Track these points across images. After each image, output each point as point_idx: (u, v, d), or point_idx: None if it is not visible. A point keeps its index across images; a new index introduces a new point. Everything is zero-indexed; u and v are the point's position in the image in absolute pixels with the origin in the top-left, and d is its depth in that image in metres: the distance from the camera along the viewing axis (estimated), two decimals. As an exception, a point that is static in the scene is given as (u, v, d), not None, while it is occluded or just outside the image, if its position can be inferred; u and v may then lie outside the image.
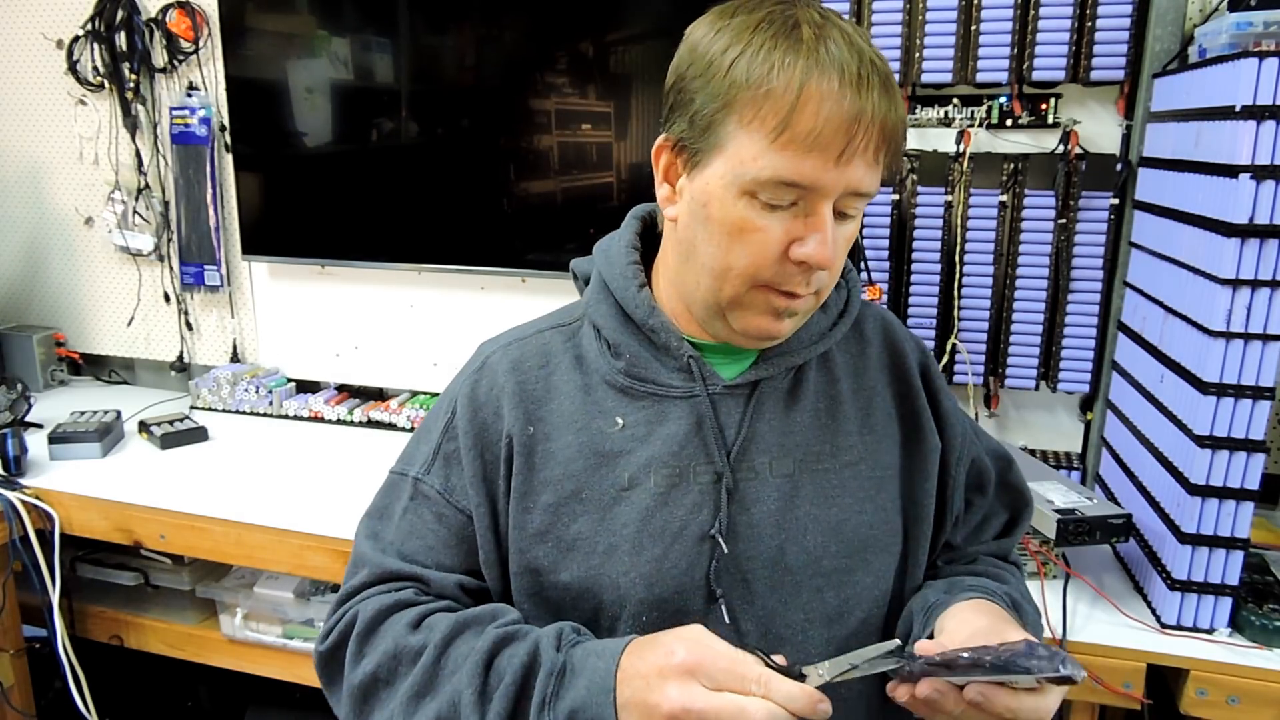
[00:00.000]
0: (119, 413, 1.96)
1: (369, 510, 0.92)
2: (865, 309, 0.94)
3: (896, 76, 1.56)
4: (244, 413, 2.11)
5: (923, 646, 0.73)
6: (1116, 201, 1.53)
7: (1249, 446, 1.13)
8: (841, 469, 0.85)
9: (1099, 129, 1.55)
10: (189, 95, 2.10)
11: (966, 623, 0.78)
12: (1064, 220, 1.55)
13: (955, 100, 1.60)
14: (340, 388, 2.17)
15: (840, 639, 0.84)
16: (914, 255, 1.63)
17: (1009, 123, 1.58)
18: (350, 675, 0.82)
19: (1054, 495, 1.31)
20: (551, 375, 0.85)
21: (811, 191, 0.72)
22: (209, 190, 2.12)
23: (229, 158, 2.09)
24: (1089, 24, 1.47)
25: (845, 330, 0.89)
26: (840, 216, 0.75)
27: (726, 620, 0.81)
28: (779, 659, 0.71)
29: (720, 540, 0.80)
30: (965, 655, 0.69)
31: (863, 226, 1.64)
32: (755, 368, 0.84)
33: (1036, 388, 1.64)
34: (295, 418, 2.08)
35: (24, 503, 1.62)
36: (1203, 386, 1.14)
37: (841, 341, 0.90)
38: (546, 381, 0.85)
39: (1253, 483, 1.14)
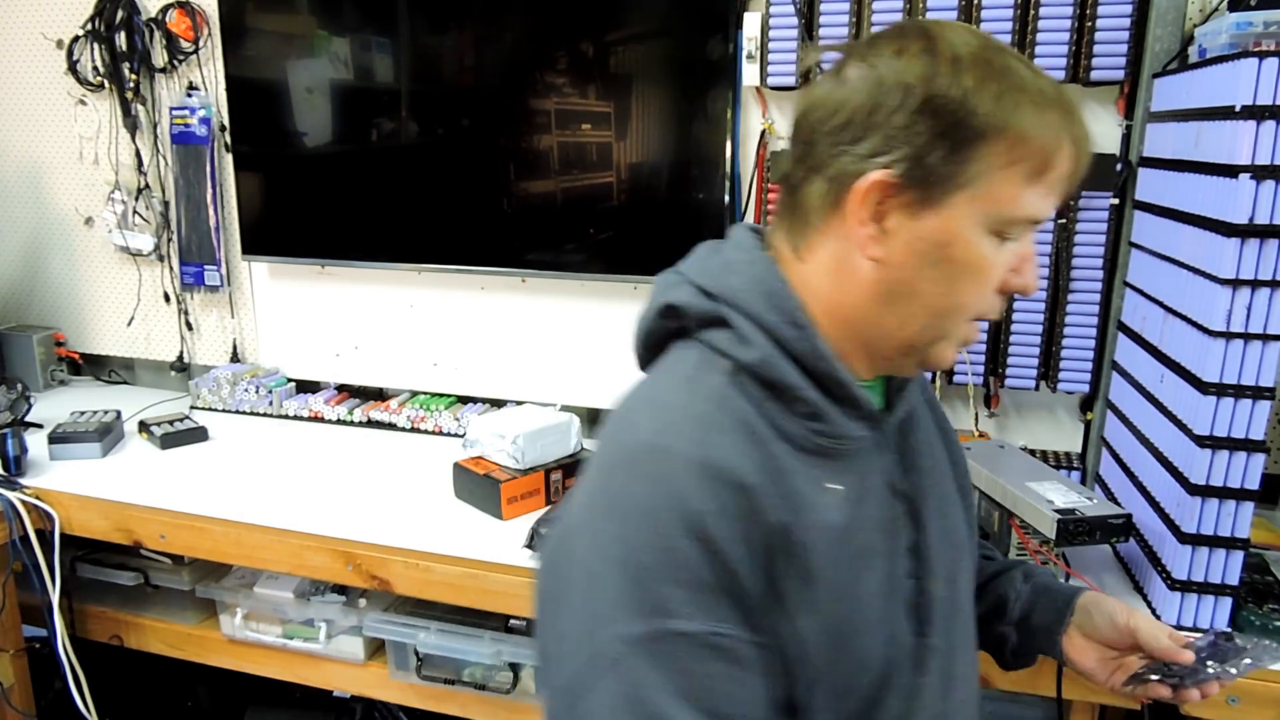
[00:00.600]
0: (119, 413, 1.96)
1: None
2: None
3: (896, 76, 1.57)
4: (244, 413, 2.11)
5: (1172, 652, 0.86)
6: (1116, 201, 1.53)
7: (1249, 446, 1.13)
8: (949, 483, 0.88)
9: (1099, 129, 1.55)
10: (189, 95, 2.10)
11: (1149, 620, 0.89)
12: (1064, 220, 1.55)
13: (955, 100, 1.60)
14: (340, 388, 2.17)
15: (965, 641, 0.88)
16: (914, 255, 1.63)
17: (1009, 123, 1.58)
18: None
19: (1054, 495, 1.31)
20: (772, 453, 0.70)
21: (1028, 230, 0.74)
22: (209, 190, 2.12)
23: (229, 158, 2.09)
24: (1089, 24, 1.47)
25: None
26: None
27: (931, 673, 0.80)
28: None
29: (918, 582, 0.79)
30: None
31: (863, 226, 1.64)
32: (901, 399, 0.82)
33: (1036, 388, 1.64)
34: (295, 418, 2.08)
35: (24, 503, 1.62)
36: (1203, 386, 1.14)
37: None
38: (772, 460, 0.70)
39: (1253, 483, 1.14)
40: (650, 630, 0.63)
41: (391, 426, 2.02)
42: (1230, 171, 1.09)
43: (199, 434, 1.92)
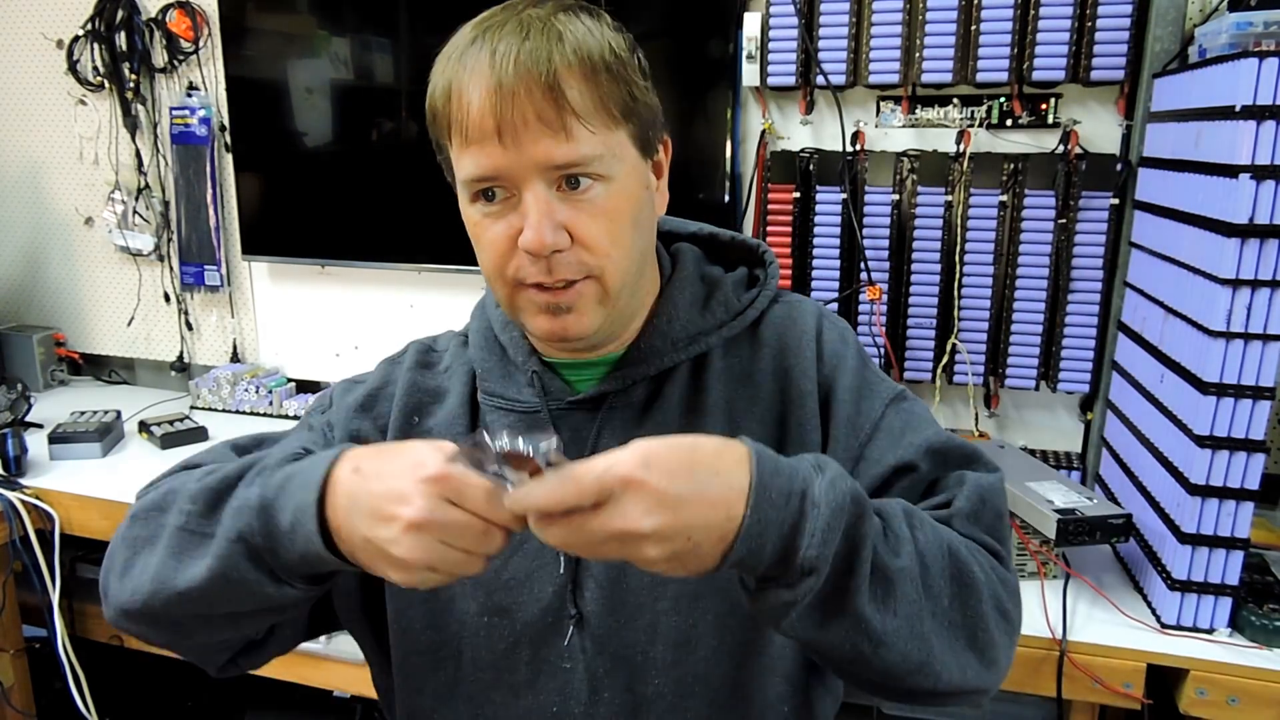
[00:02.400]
0: (119, 413, 1.96)
1: None
2: (775, 308, 0.85)
3: (894, 76, 1.57)
4: (244, 413, 2.11)
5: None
6: (1116, 201, 1.53)
7: (1249, 446, 1.13)
8: None
9: (1099, 129, 1.55)
10: (189, 95, 2.10)
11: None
12: (1064, 220, 1.55)
13: (955, 100, 1.60)
14: (340, 388, 2.17)
15: (690, 663, 0.78)
16: (914, 255, 1.63)
17: (1009, 123, 1.58)
18: (133, 508, 0.80)
19: (1054, 495, 1.31)
20: (450, 380, 0.88)
21: (506, 180, 0.72)
22: (209, 190, 2.12)
23: (229, 158, 2.09)
24: (1089, 24, 1.47)
25: (726, 336, 0.82)
26: (571, 194, 0.71)
27: (569, 638, 0.79)
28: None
29: (562, 557, 0.79)
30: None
31: (862, 226, 1.64)
32: (603, 381, 0.80)
33: (1036, 388, 1.64)
34: (295, 418, 2.08)
35: (24, 503, 1.62)
36: (1203, 386, 1.14)
37: (730, 345, 0.83)
38: (440, 385, 0.88)
39: (1253, 483, 1.14)
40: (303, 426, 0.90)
41: (391, 426, 2.02)
42: (1230, 171, 1.09)
43: (199, 434, 1.92)
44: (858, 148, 1.64)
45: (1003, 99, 1.57)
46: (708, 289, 0.84)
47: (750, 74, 1.66)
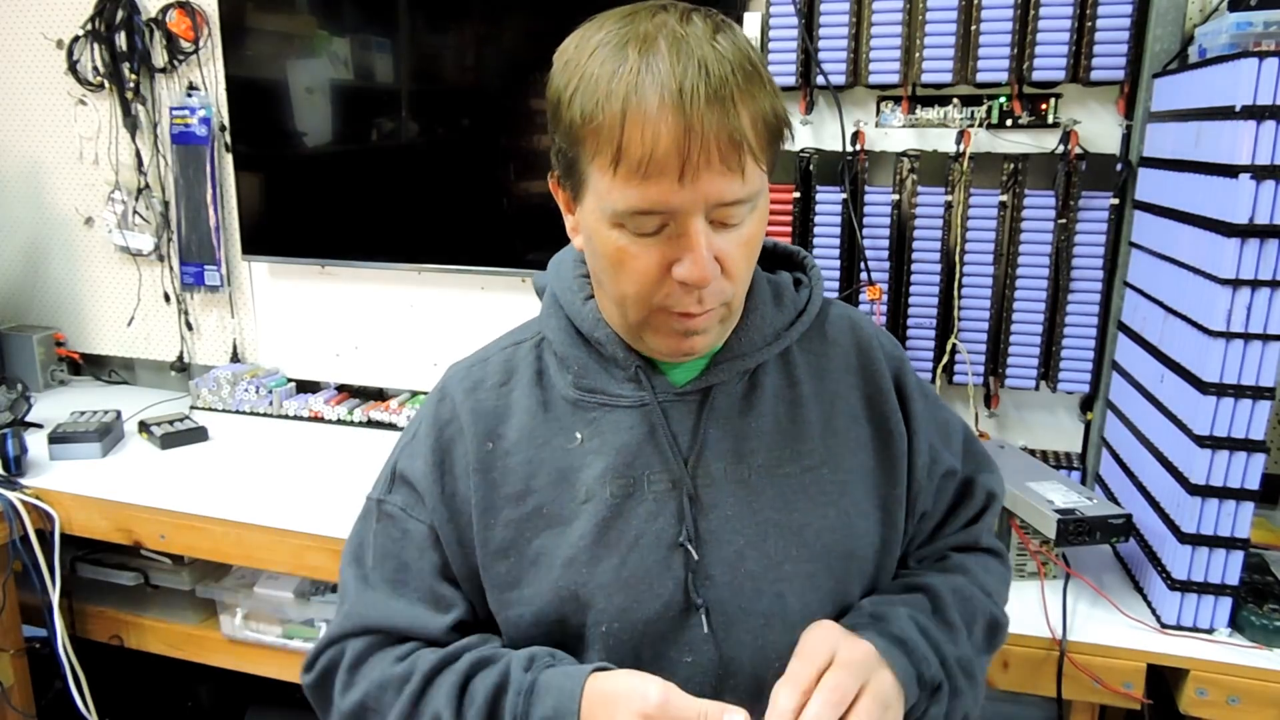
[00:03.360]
0: (119, 413, 1.96)
1: (349, 537, 0.95)
2: (832, 309, 0.92)
3: (894, 76, 1.57)
4: (244, 413, 2.11)
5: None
6: (1116, 201, 1.53)
7: (1249, 446, 1.13)
8: (803, 473, 0.84)
9: (1099, 129, 1.55)
10: (189, 95, 2.10)
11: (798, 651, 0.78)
12: (1064, 220, 1.55)
13: (955, 100, 1.60)
14: (340, 388, 2.17)
15: (774, 633, 0.82)
16: (914, 255, 1.63)
17: (1009, 123, 1.58)
18: (340, 703, 0.85)
19: (1054, 495, 1.31)
20: (512, 392, 0.86)
21: (671, 214, 0.70)
22: (209, 190, 2.12)
23: (229, 158, 2.09)
24: (1089, 24, 1.47)
25: (801, 330, 0.87)
26: (722, 226, 0.73)
27: (705, 629, 0.80)
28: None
29: (690, 548, 0.80)
30: None
31: (862, 226, 1.64)
32: (706, 374, 0.83)
33: (1036, 388, 1.64)
34: (295, 418, 2.08)
35: (24, 503, 1.62)
36: (1203, 386, 1.14)
37: (803, 343, 0.88)
38: (506, 399, 0.86)
39: (1253, 483, 1.14)
40: (368, 496, 0.92)
41: (391, 426, 2.02)
42: (1230, 171, 1.09)
43: (199, 434, 1.92)
44: (858, 148, 1.64)
45: (1003, 99, 1.57)
46: (776, 290, 0.89)
47: (750, 74, 1.65)
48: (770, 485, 0.83)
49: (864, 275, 1.65)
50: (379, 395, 2.14)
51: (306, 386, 2.19)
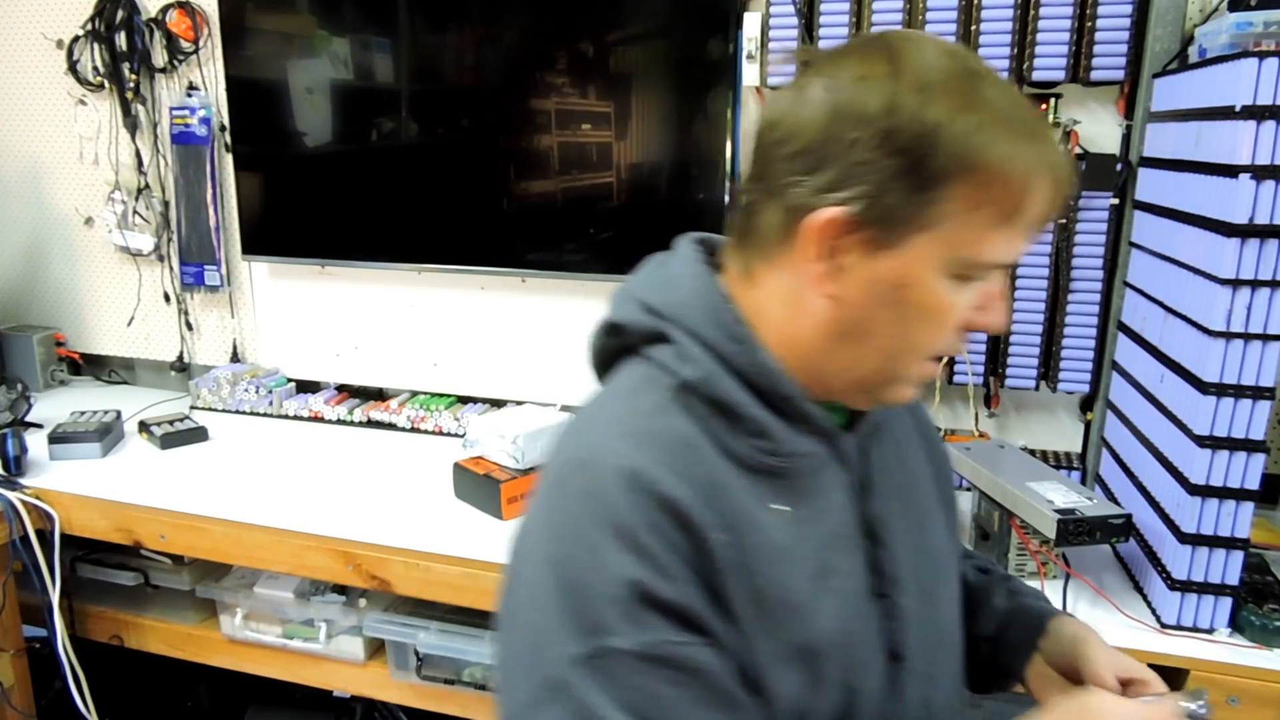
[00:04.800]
0: (119, 413, 1.96)
1: None
2: None
3: (896, 76, 1.57)
4: (244, 413, 2.11)
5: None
6: (1116, 201, 1.53)
7: (1249, 446, 1.13)
8: (922, 496, 0.84)
9: (1099, 129, 1.55)
10: (189, 95, 2.10)
11: (1107, 654, 0.82)
12: (1064, 220, 1.55)
13: (955, 100, 1.60)
14: (340, 388, 2.17)
15: (945, 657, 0.83)
16: (914, 255, 1.63)
17: (1009, 123, 1.58)
18: None
19: (1054, 495, 1.31)
20: (710, 471, 0.69)
21: (996, 270, 0.70)
22: (209, 190, 2.12)
23: (229, 158, 2.09)
24: (1089, 24, 1.47)
25: None
26: None
27: (908, 671, 0.78)
28: None
29: (890, 595, 0.76)
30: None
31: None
32: (863, 415, 0.78)
33: (1036, 388, 1.64)
34: (295, 418, 2.08)
35: (24, 503, 1.62)
36: (1203, 386, 1.14)
37: None
38: (706, 479, 0.68)
39: (1253, 483, 1.14)
40: (591, 649, 0.62)
41: (391, 426, 2.02)
42: (1230, 171, 1.09)
43: (199, 434, 1.92)
44: (858, 148, 1.64)
45: (1003, 99, 1.57)
46: None
47: (750, 74, 1.66)
48: (913, 511, 0.82)
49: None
50: (379, 395, 2.14)
51: (306, 386, 2.19)
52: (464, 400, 2.07)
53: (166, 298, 2.24)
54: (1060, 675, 0.86)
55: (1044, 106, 1.56)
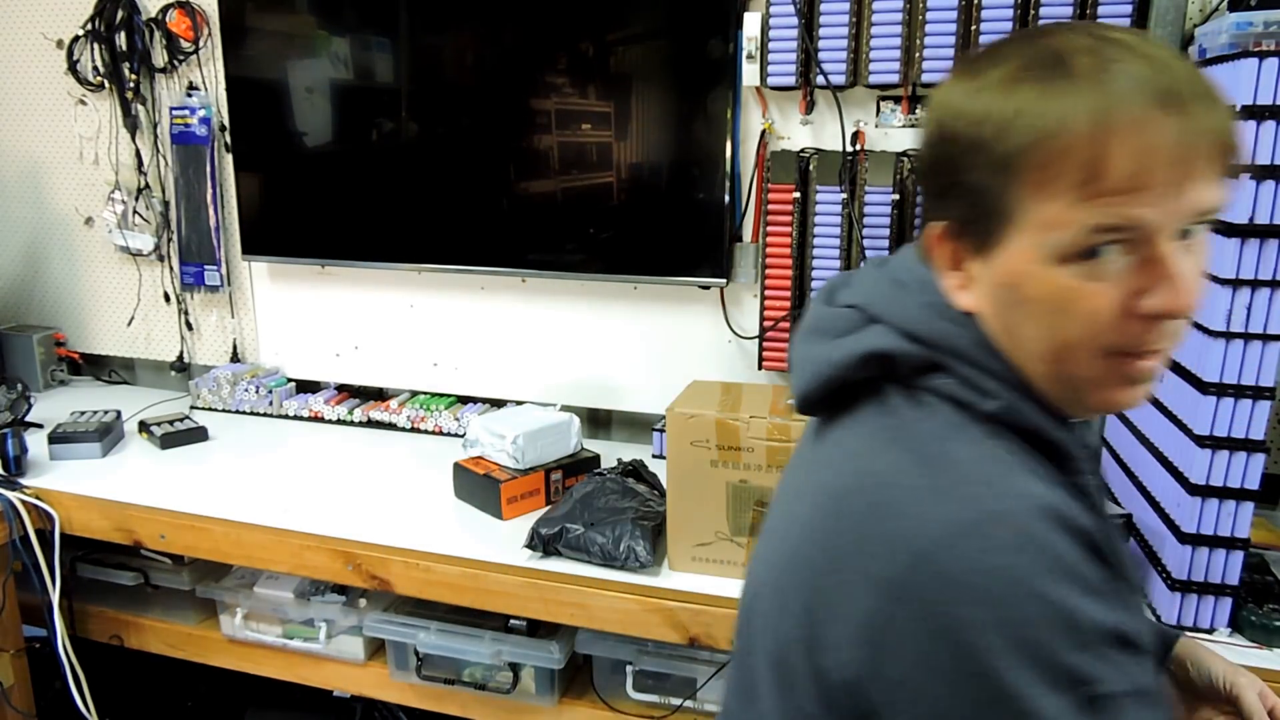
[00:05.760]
0: (119, 413, 1.96)
1: None
2: None
3: (894, 76, 1.57)
4: (244, 413, 2.11)
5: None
6: (1116, 201, 1.52)
7: (1249, 446, 1.13)
8: None
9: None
10: (189, 95, 2.10)
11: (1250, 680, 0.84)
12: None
13: (955, 100, 1.60)
14: (340, 388, 2.17)
15: None
16: (914, 255, 1.63)
17: (1009, 123, 1.58)
18: None
19: (1054, 495, 1.30)
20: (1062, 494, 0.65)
21: (1144, 235, 0.60)
22: (209, 190, 2.12)
23: (229, 158, 2.09)
24: (1089, 24, 1.47)
25: None
26: (1188, 248, 0.62)
27: None
28: None
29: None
30: None
31: (862, 226, 1.64)
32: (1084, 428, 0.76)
33: (1036, 388, 1.64)
34: (295, 418, 2.08)
35: (24, 503, 1.62)
36: (1203, 386, 1.14)
37: None
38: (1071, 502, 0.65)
39: (1253, 483, 1.14)
40: (1078, 700, 0.56)
41: (391, 426, 2.02)
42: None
43: (199, 434, 1.92)
44: (858, 148, 1.64)
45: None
46: None
47: (750, 74, 1.66)
48: None
49: (864, 275, 1.65)
50: (379, 395, 2.14)
51: (306, 386, 2.19)
52: (464, 400, 2.07)
53: (166, 298, 2.24)
54: (1189, 697, 0.87)
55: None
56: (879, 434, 0.69)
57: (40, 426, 1.93)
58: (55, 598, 1.65)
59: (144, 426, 1.93)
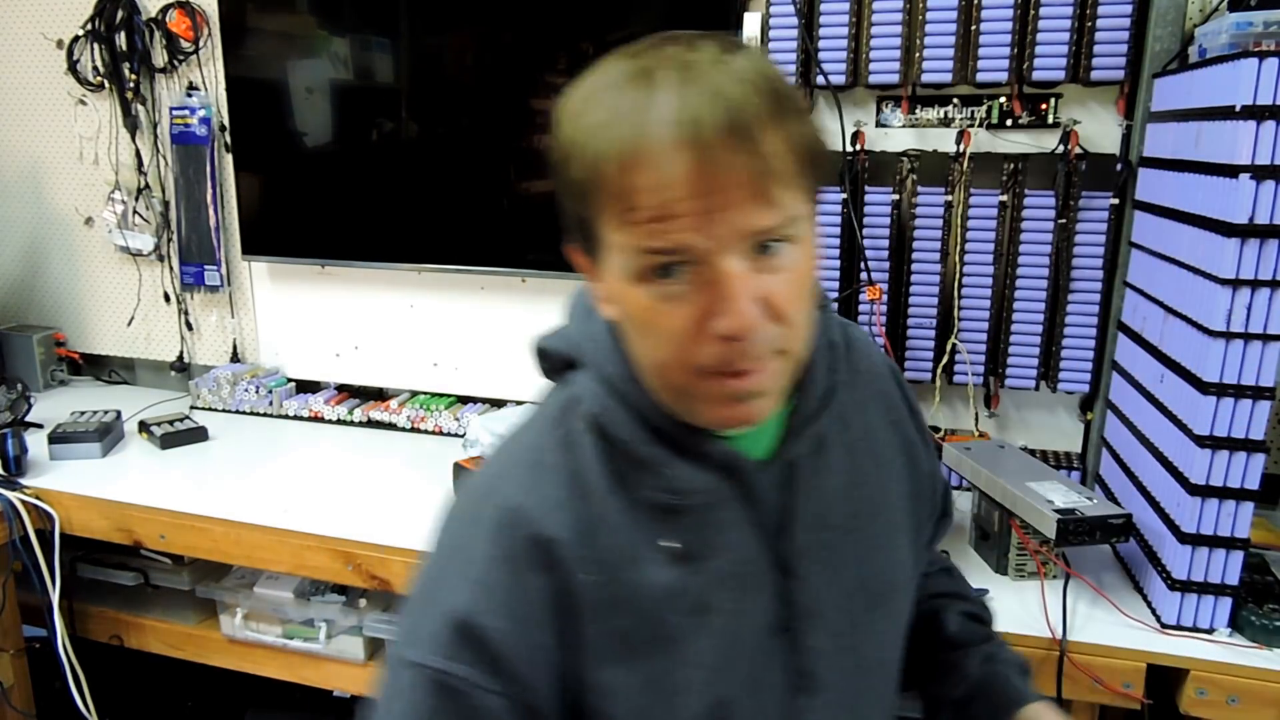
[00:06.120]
0: (119, 413, 1.96)
1: (378, 712, 0.71)
2: (854, 333, 0.84)
3: (894, 76, 1.57)
4: (244, 413, 2.11)
5: None
6: (1116, 201, 1.53)
7: (1249, 446, 1.13)
8: (870, 523, 0.79)
9: (1099, 129, 1.55)
10: (189, 95, 2.10)
11: None
12: (1064, 220, 1.55)
13: (955, 100, 1.60)
14: (340, 388, 2.17)
15: (870, 687, 0.81)
16: (914, 255, 1.63)
17: (1009, 123, 1.58)
18: None
19: (1054, 495, 1.31)
20: (593, 506, 0.70)
21: (699, 259, 0.61)
22: (209, 190, 2.12)
23: (229, 158, 2.09)
24: (1089, 24, 1.47)
25: (844, 369, 0.78)
26: (766, 264, 0.62)
27: (817, 708, 0.77)
28: None
29: (793, 632, 0.74)
30: None
31: (862, 226, 1.64)
32: (791, 443, 0.74)
33: (1036, 388, 1.64)
34: (295, 418, 2.08)
35: (24, 503, 1.62)
36: (1203, 386, 1.14)
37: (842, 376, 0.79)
38: (589, 514, 0.70)
39: (1253, 483, 1.14)
40: (405, 657, 0.69)
41: (391, 426, 2.02)
42: (1230, 171, 1.09)
43: (199, 434, 1.92)
44: (858, 148, 1.64)
45: (1003, 99, 1.57)
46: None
47: (750, 74, 1.66)
48: (849, 543, 0.77)
49: (864, 275, 1.65)
50: (379, 395, 2.14)
51: (306, 386, 2.19)
52: (464, 400, 2.07)
53: (166, 298, 2.24)
54: None
55: (1044, 106, 1.56)
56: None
57: (40, 426, 1.93)
58: (55, 598, 1.65)
59: (144, 426, 1.93)
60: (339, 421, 2.06)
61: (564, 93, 0.67)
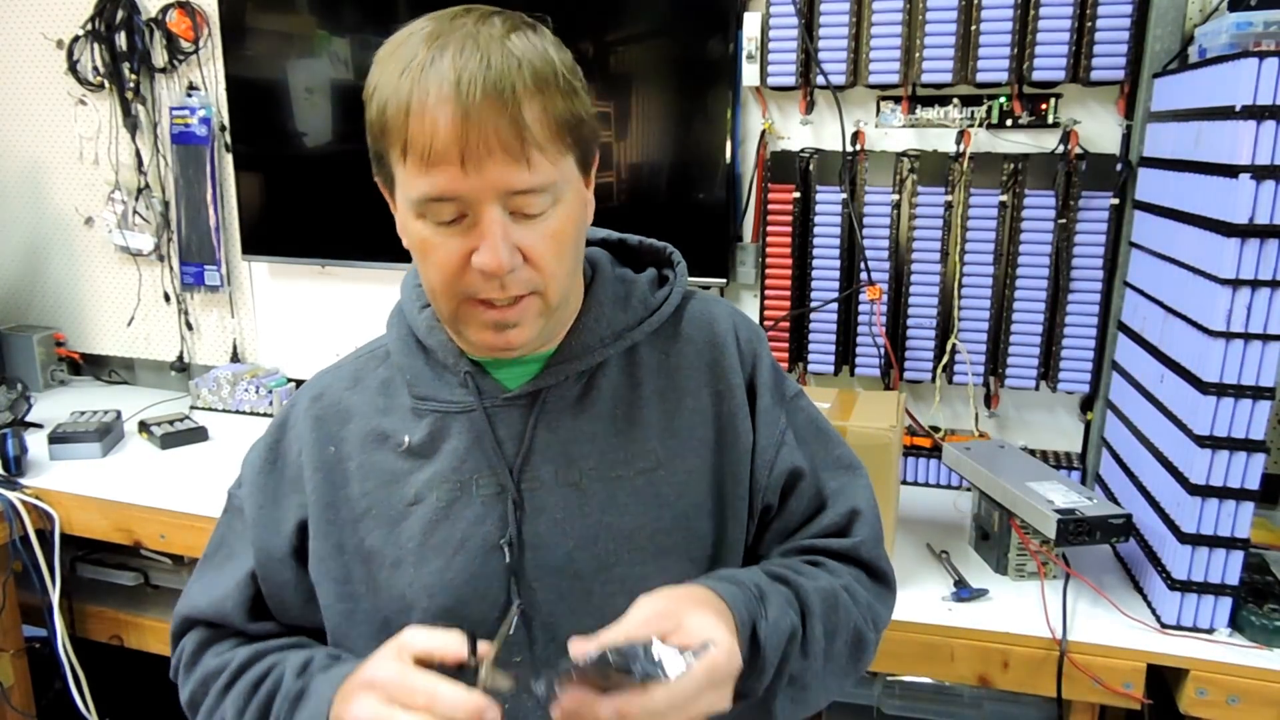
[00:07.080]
0: (119, 413, 1.96)
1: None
2: (691, 304, 0.91)
3: (894, 76, 1.57)
4: (244, 413, 2.11)
5: (576, 647, 0.68)
6: (1116, 201, 1.53)
7: (1249, 446, 1.13)
8: (636, 475, 0.83)
9: (1099, 129, 1.55)
10: (189, 95, 2.10)
11: (644, 606, 0.72)
12: (1064, 220, 1.55)
13: (955, 100, 1.60)
14: (340, 388, 2.17)
15: (592, 628, 0.78)
16: (914, 255, 1.63)
17: (1009, 123, 1.58)
18: (181, 695, 0.91)
19: (1054, 495, 1.31)
20: (354, 398, 0.89)
21: (465, 202, 0.72)
22: (209, 190, 2.12)
23: (229, 158, 2.09)
24: (1089, 24, 1.47)
25: (650, 330, 0.87)
26: (522, 217, 0.74)
27: (524, 632, 0.81)
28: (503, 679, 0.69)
29: (506, 550, 0.81)
30: (593, 656, 0.65)
31: (862, 226, 1.64)
32: (537, 377, 0.84)
33: (1036, 388, 1.64)
34: (295, 418, 2.08)
35: (24, 503, 1.63)
36: (1203, 386, 1.14)
37: (654, 341, 0.87)
38: (349, 405, 0.88)
39: (1253, 483, 1.14)
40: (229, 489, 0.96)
41: (391, 426, 2.02)
42: (1230, 171, 1.09)
43: (199, 434, 1.92)
44: (858, 148, 1.64)
45: (1003, 99, 1.57)
46: (625, 289, 0.89)
47: (750, 74, 1.66)
48: (602, 488, 0.82)
49: (864, 275, 1.65)
50: (379, 395, 2.14)
51: (306, 386, 2.19)
52: (464, 400, 2.07)
53: (166, 298, 2.24)
54: None
55: (1044, 106, 1.56)
56: None
57: (40, 426, 1.93)
58: (55, 598, 1.65)
59: (144, 426, 1.93)
60: (339, 421, 2.06)
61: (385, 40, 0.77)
